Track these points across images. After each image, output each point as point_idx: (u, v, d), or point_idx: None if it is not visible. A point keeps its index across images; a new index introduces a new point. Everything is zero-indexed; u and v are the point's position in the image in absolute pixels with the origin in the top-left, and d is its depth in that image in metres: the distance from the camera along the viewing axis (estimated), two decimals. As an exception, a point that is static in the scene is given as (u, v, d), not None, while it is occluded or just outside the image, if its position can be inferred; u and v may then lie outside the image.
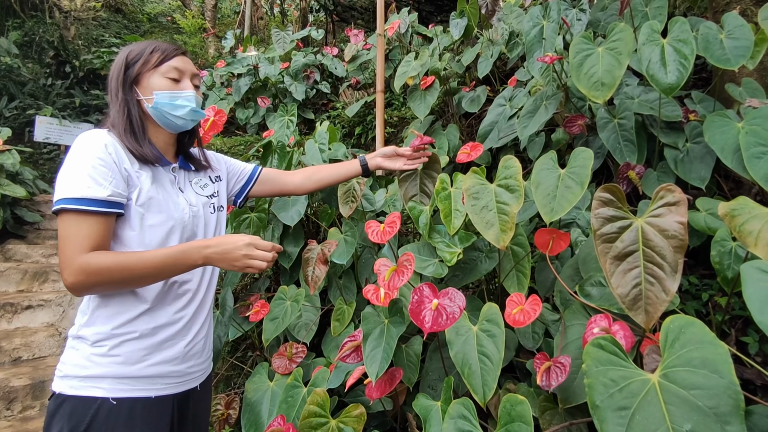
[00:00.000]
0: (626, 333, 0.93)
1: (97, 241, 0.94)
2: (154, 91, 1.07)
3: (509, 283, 1.33)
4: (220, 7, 9.26)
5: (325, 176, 1.39)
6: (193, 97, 1.12)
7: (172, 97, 1.08)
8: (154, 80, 1.08)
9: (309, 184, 1.38)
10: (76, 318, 1.02)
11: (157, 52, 1.09)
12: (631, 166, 1.42)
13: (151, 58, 1.08)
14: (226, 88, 4.07)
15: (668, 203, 0.95)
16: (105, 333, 0.98)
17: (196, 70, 1.16)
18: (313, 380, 1.25)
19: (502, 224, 1.13)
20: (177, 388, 1.06)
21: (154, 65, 1.08)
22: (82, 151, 0.97)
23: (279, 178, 1.37)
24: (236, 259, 0.98)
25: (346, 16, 7.23)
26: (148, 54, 1.08)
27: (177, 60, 1.10)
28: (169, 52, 1.09)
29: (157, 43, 1.11)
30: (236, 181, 1.31)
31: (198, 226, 1.10)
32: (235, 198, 1.31)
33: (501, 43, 2.48)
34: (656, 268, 0.94)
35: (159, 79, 1.08)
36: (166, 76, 1.08)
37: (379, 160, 1.42)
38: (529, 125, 1.65)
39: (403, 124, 3.47)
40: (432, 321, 0.91)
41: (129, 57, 1.09)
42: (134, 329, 1.00)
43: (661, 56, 1.27)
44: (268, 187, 1.35)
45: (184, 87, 1.10)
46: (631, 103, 1.50)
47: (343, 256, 1.60)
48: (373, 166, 1.42)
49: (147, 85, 1.08)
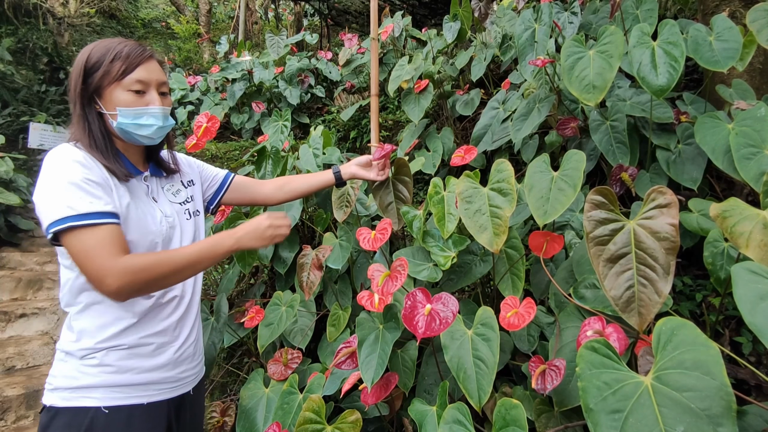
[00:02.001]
0: (620, 335, 0.93)
1: (123, 245, 0.92)
2: (117, 107, 0.99)
3: (504, 286, 1.33)
4: (214, 13, 9.27)
5: (296, 187, 1.38)
6: (160, 113, 1.03)
7: (136, 114, 1.00)
8: (116, 95, 0.99)
9: (280, 194, 1.37)
10: (62, 333, 1.00)
11: (119, 60, 0.98)
12: (623, 167, 1.43)
13: (112, 68, 0.98)
14: (221, 93, 4.07)
15: (660, 205, 0.96)
16: (93, 347, 0.97)
17: (163, 75, 1.06)
18: (308, 386, 1.24)
19: (495, 228, 1.13)
20: (170, 393, 1.05)
21: (116, 78, 0.98)
22: (62, 169, 0.91)
23: (250, 187, 1.34)
24: (264, 235, 1.08)
25: (340, 20, 7.26)
26: (109, 63, 0.98)
27: (141, 70, 1.00)
28: (132, 60, 0.99)
29: (119, 45, 1.00)
30: (208, 186, 1.28)
31: (174, 236, 1.08)
32: (208, 204, 1.29)
33: (494, 46, 2.50)
34: (649, 270, 0.94)
35: (122, 94, 0.99)
36: (129, 89, 0.99)
37: (354, 169, 1.41)
38: (522, 128, 1.66)
39: (399, 127, 3.48)
40: (425, 326, 0.91)
41: (88, 65, 0.99)
42: (122, 342, 0.99)
43: (652, 59, 1.28)
44: (240, 195, 1.33)
45: (150, 101, 1.02)
46: (623, 105, 1.51)
47: (338, 261, 1.60)
48: (347, 175, 1.41)
49: (109, 100, 0.99)
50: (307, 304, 1.57)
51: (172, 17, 9.63)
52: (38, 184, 0.93)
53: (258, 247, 1.11)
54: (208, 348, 1.43)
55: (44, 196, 0.90)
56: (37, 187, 0.93)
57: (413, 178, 2.68)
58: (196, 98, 4.30)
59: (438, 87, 2.66)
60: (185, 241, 1.13)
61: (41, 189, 0.91)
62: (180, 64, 7.47)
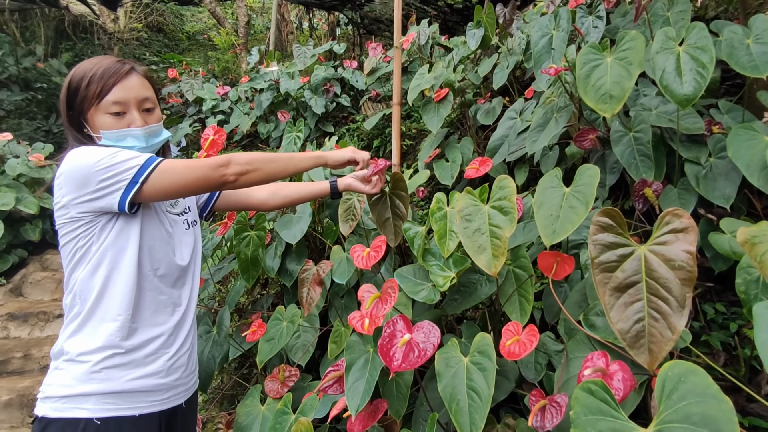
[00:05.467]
0: (626, 375, 0.83)
1: None
2: (101, 130, 1.01)
3: (511, 309, 1.24)
4: (252, 24, 9.57)
5: (289, 194, 1.37)
6: (142, 133, 1.04)
7: (118, 137, 1.02)
8: (97, 119, 1.01)
9: (274, 200, 1.36)
10: (59, 340, 1.02)
11: (94, 83, 0.99)
12: (647, 182, 1.31)
13: (88, 92, 0.99)
14: (250, 103, 4.16)
15: (675, 229, 0.86)
16: (87, 349, 0.98)
17: (145, 91, 1.06)
18: (301, 408, 1.21)
19: (494, 249, 1.06)
20: (162, 405, 1.04)
21: (93, 102, 1.00)
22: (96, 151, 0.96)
23: (243, 193, 1.35)
24: (346, 153, 1.29)
25: (372, 28, 7.29)
26: (85, 88, 1.00)
27: (117, 90, 1.01)
28: (106, 81, 1.00)
29: (94, 67, 1.01)
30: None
31: (176, 247, 1.10)
32: (200, 212, 1.30)
33: (518, 52, 2.40)
34: (661, 302, 0.84)
35: (102, 117, 1.01)
36: (107, 112, 1.01)
37: (349, 181, 1.38)
38: (539, 139, 1.57)
39: (422, 136, 3.42)
40: (402, 358, 0.85)
41: (70, 90, 1.01)
42: (117, 344, 0.99)
43: (677, 65, 1.17)
44: (233, 200, 1.34)
45: (130, 121, 1.03)
46: (648, 115, 1.39)
47: (344, 276, 1.56)
48: (343, 186, 1.38)
49: (93, 123, 1.02)
50: (310, 320, 1.54)
51: (213, 29, 10.02)
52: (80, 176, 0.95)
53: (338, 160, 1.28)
54: (207, 361, 1.42)
55: (101, 173, 0.94)
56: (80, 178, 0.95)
57: (428, 190, 2.61)
58: (228, 107, 4.42)
59: (459, 95, 2.59)
60: (184, 252, 1.13)
61: (91, 173, 0.94)
62: (218, 75, 7.75)
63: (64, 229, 1.01)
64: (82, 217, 0.99)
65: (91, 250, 1.00)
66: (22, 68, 6.54)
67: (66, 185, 0.97)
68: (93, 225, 0.99)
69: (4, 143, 3.98)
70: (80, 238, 1.00)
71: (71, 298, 1.02)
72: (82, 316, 1.00)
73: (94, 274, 1.00)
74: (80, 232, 1.00)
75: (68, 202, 0.98)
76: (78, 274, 1.01)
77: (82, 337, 0.99)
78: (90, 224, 0.99)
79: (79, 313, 1.00)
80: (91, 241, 1.00)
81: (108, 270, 1.00)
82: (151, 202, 1.04)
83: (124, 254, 1.01)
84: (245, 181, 1.06)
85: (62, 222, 1.00)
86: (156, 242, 1.06)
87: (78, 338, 0.99)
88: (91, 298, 0.99)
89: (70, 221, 0.99)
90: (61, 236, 1.02)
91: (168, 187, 0.98)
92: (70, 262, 1.01)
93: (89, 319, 1.00)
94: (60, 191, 0.98)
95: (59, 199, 0.99)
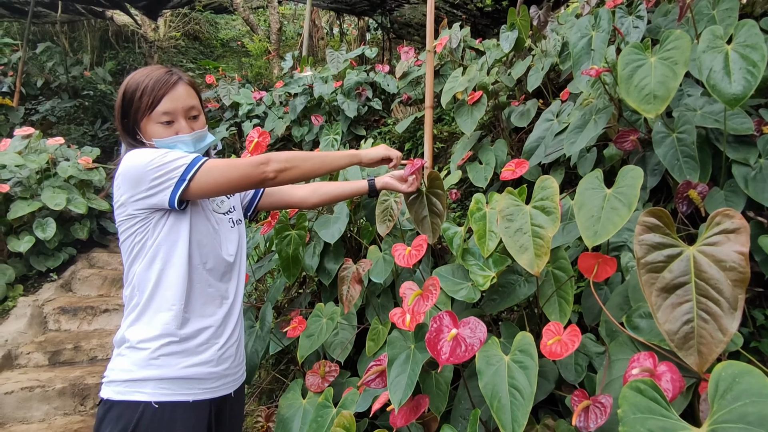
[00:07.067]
0: (674, 376, 0.83)
1: None
2: (153, 138, 1.10)
3: (550, 310, 1.24)
4: (284, 30, 9.79)
5: (329, 191, 1.42)
6: (190, 139, 1.13)
7: (169, 145, 1.11)
8: (149, 128, 1.10)
9: (314, 198, 1.41)
10: (120, 328, 1.10)
11: (146, 95, 1.07)
12: (692, 184, 1.29)
13: (141, 104, 1.08)
14: (284, 107, 4.27)
15: (726, 230, 0.85)
16: (146, 337, 1.05)
17: (191, 99, 1.14)
18: (342, 401, 1.24)
19: (536, 248, 1.06)
20: (213, 393, 1.11)
21: (145, 113, 1.08)
22: (149, 152, 1.05)
23: (284, 191, 1.40)
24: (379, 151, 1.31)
25: (402, 33, 7.34)
26: (138, 100, 1.08)
27: (166, 101, 1.08)
28: (156, 93, 1.08)
29: (145, 79, 1.09)
30: (245, 194, 1.36)
31: (222, 242, 1.16)
32: (245, 211, 1.36)
33: (553, 54, 2.38)
34: (711, 303, 0.84)
35: (153, 127, 1.10)
36: (158, 122, 1.09)
37: (387, 180, 1.42)
38: (577, 141, 1.56)
39: (454, 139, 3.43)
40: (449, 352, 0.87)
41: (124, 101, 1.10)
42: (172, 332, 1.06)
43: (725, 64, 1.15)
44: (275, 199, 1.40)
45: (178, 129, 1.11)
46: (693, 116, 1.36)
47: (380, 275, 1.59)
48: (380, 184, 1.42)
49: (146, 131, 1.11)
50: (348, 317, 1.58)
51: (246, 36, 10.32)
52: (135, 175, 1.04)
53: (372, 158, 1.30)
54: (251, 355, 1.48)
55: (153, 172, 1.02)
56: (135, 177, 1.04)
57: (460, 192, 2.61)
58: (263, 111, 4.55)
59: (493, 98, 2.59)
60: (230, 247, 1.19)
61: (145, 172, 1.03)
62: (251, 80, 7.97)
63: (123, 226, 1.09)
64: (138, 214, 1.07)
65: (146, 244, 1.08)
66: (71, 77, 6.92)
67: (123, 185, 1.05)
68: (148, 221, 1.07)
69: (57, 147, 4.22)
70: (137, 234, 1.08)
71: (130, 290, 1.09)
72: (140, 307, 1.07)
73: (150, 268, 1.08)
74: (137, 228, 1.07)
75: (126, 201, 1.06)
76: (136, 267, 1.08)
77: (141, 326, 1.06)
78: (145, 221, 1.07)
79: (138, 303, 1.08)
80: (146, 236, 1.08)
81: (162, 263, 1.07)
82: (198, 198, 1.11)
83: (176, 248, 1.08)
84: (284, 178, 1.11)
85: (121, 219, 1.09)
86: (203, 237, 1.13)
87: (137, 327, 1.06)
88: (148, 290, 1.07)
89: (128, 218, 1.08)
90: (120, 233, 1.10)
91: (213, 183, 1.05)
92: (129, 257, 1.09)
93: (147, 309, 1.07)
94: (119, 191, 1.07)
95: (118, 198, 1.07)
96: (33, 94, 6.54)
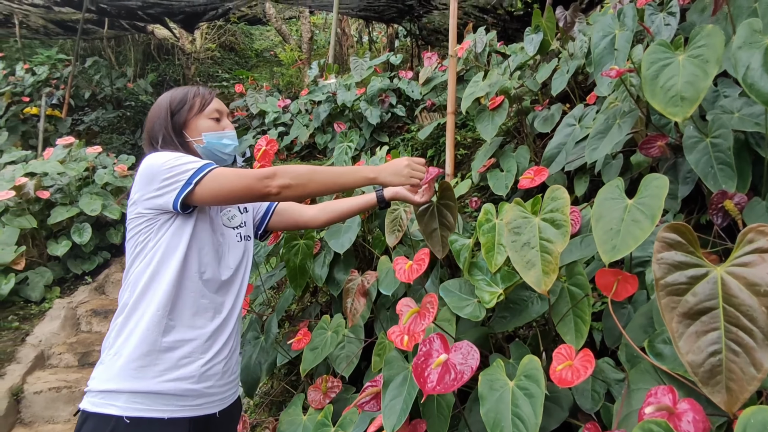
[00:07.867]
0: (697, 416, 0.72)
1: None
2: (203, 132, 1.20)
3: (565, 329, 1.14)
4: (315, 40, 9.96)
5: (338, 208, 1.38)
6: (234, 134, 1.27)
7: (219, 136, 1.22)
8: (200, 123, 1.20)
9: (323, 216, 1.38)
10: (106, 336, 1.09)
11: (198, 96, 1.21)
12: (727, 194, 1.16)
13: (194, 103, 1.20)
14: (309, 115, 4.29)
15: (760, 249, 0.74)
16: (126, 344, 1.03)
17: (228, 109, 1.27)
18: (340, 421, 1.19)
19: (544, 265, 0.98)
20: (192, 412, 1.05)
21: (199, 110, 1.20)
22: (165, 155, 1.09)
23: (295, 211, 1.38)
24: (402, 172, 1.19)
25: (431, 39, 7.29)
26: (192, 99, 1.20)
27: (215, 102, 1.23)
28: (207, 96, 1.23)
29: (194, 88, 1.23)
30: (257, 211, 1.35)
31: (224, 255, 1.14)
32: (256, 230, 1.34)
33: (579, 56, 2.26)
34: (743, 333, 0.73)
35: (205, 122, 1.21)
36: (210, 117, 1.21)
37: (398, 189, 1.35)
38: (600, 147, 1.45)
39: (477, 145, 3.33)
40: (437, 380, 0.80)
41: (172, 105, 1.20)
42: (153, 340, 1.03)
43: (764, 61, 1.03)
44: (284, 219, 1.37)
45: (225, 126, 1.25)
46: (729, 119, 1.23)
47: (390, 287, 1.53)
48: (390, 195, 1.36)
49: (195, 128, 1.20)
50: (354, 330, 1.53)
51: (279, 46, 10.56)
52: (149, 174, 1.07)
53: (395, 184, 1.22)
54: (254, 367, 1.45)
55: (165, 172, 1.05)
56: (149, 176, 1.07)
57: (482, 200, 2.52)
58: (289, 119, 4.59)
59: (516, 103, 2.49)
60: (231, 261, 1.17)
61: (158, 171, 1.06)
62: (282, 89, 8.14)
63: (131, 224, 1.10)
64: (145, 213, 1.08)
65: (147, 246, 1.07)
66: (115, 88, 7.29)
67: (138, 183, 1.08)
68: (153, 222, 1.07)
69: (95, 155, 4.42)
70: (141, 234, 1.08)
71: (124, 289, 1.09)
72: (128, 308, 1.06)
73: (145, 269, 1.07)
74: (142, 228, 1.08)
75: (138, 199, 1.08)
76: (134, 267, 1.08)
77: (125, 331, 1.05)
78: (151, 221, 1.07)
79: (126, 304, 1.07)
80: (149, 237, 1.07)
81: (157, 265, 1.06)
82: (203, 204, 1.10)
83: (174, 252, 1.07)
84: (288, 195, 1.10)
85: (131, 218, 1.10)
86: (206, 246, 1.12)
87: (122, 332, 1.05)
88: (137, 290, 1.06)
89: (137, 216, 1.09)
90: (128, 231, 1.12)
91: (217, 191, 1.05)
92: (131, 256, 1.10)
93: (134, 311, 1.05)
94: (133, 189, 1.09)
95: (132, 196, 1.10)
96: (80, 105, 6.91)
